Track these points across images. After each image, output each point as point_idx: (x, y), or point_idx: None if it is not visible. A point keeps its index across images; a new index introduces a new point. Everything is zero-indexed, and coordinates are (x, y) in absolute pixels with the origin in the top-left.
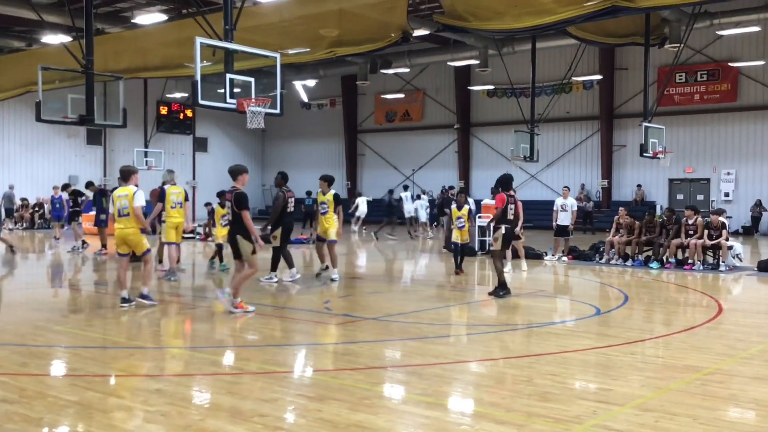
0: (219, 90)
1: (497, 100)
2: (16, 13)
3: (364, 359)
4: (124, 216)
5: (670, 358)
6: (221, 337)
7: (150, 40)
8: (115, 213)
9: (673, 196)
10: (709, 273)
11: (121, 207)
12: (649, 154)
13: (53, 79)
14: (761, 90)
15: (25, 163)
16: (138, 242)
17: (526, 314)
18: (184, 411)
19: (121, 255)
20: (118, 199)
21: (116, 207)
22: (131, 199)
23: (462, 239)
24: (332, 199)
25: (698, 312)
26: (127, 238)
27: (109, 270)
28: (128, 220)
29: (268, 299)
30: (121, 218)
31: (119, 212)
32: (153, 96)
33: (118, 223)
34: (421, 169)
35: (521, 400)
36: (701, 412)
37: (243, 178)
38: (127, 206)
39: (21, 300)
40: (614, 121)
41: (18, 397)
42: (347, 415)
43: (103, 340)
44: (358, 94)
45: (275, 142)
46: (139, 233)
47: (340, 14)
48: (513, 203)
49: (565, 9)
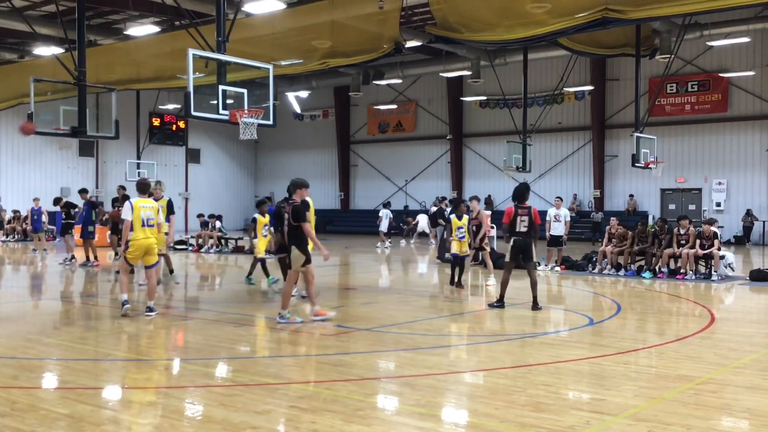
0: (212, 101)
1: (489, 110)
2: (8, 26)
3: (357, 370)
4: (149, 227)
5: (663, 368)
6: (213, 349)
7: (142, 51)
8: (138, 223)
9: (665, 205)
10: (702, 282)
11: (147, 218)
12: (640, 164)
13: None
14: (752, 100)
15: (17, 175)
16: (156, 253)
17: (520, 324)
18: (177, 423)
19: (129, 265)
20: (143, 209)
21: (140, 217)
22: (156, 211)
23: (461, 251)
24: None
25: (691, 321)
26: (150, 248)
27: (101, 282)
28: (153, 230)
29: (261, 311)
30: (146, 228)
31: (144, 222)
32: (145, 107)
33: (141, 233)
34: (414, 180)
35: (515, 411)
36: (694, 422)
37: (301, 192)
38: (152, 217)
39: (10, 312)
40: (606, 131)
41: (9, 410)
42: (341, 426)
43: (95, 352)
44: (350, 105)
45: (268, 154)
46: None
47: (332, 26)
48: (526, 215)
49: (557, 20)
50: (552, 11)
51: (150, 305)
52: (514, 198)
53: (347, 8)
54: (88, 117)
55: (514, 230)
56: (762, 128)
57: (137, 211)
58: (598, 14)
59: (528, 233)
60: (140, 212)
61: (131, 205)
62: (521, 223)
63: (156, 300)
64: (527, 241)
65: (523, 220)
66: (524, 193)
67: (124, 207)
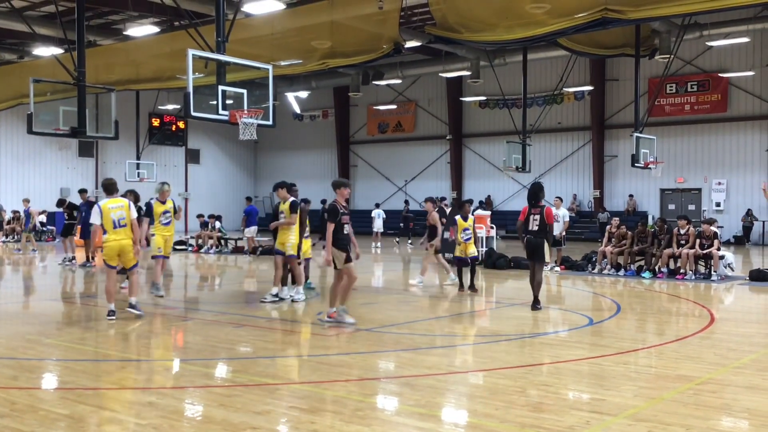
0: (211, 102)
1: (489, 111)
2: (7, 26)
3: (357, 370)
4: (121, 227)
5: (662, 368)
6: (213, 350)
7: (142, 52)
8: (109, 225)
9: (664, 205)
10: (701, 282)
11: (118, 218)
12: (640, 165)
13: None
14: (751, 100)
15: (17, 175)
16: (132, 254)
17: (519, 324)
18: (176, 424)
19: (111, 267)
20: (112, 210)
21: (110, 219)
22: (128, 209)
23: (468, 253)
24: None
25: (690, 321)
26: (124, 250)
27: (100, 282)
28: (126, 231)
29: (259, 311)
30: (118, 229)
31: (115, 223)
32: (145, 108)
33: (115, 235)
34: (414, 180)
35: (514, 411)
36: (694, 422)
37: (342, 191)
38: (124, 217)
39: (10, 312)
40: (605, 131)
41: (9, 410)
42: (340, 427)
43: (95, 353)
44: (350, 106)
45: (268, 154)
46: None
47: (332, 26)
48: (539, 214)
49: (556, 21)
50: (551, 11)
51: (132, 302)
52: (528, 198)
53: (347, 8)
54: (87, 117)
55: (527, 229)
56: (761, 128)
57: (106, 213)
58: (597, 14)
59: (539, 232)
60: (110, 214)
61: (99, 208)
62: (533, 222)
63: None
64: (538, 240)
65: (535, 219)
66: (537, 193)
67: (93, 211)
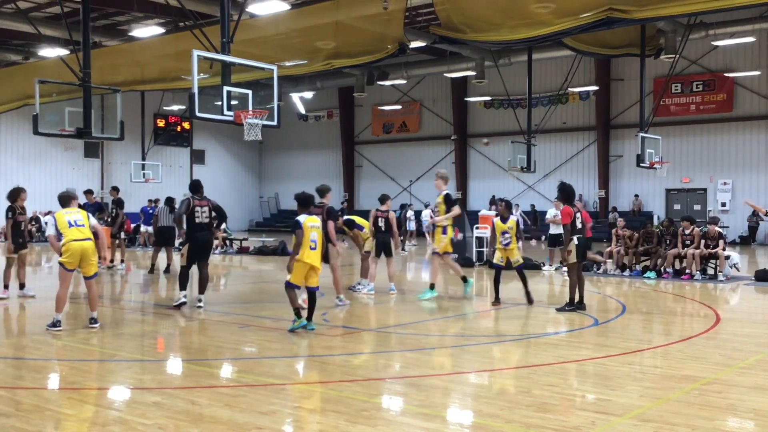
0: (216, 102)
1: (494, 111)
2: (13, 27)
3: (362, 371)
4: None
5: (668, 368)
6: (218, 350)
7: (147, 53)
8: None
9: (670, 206)
10: (707, 283)
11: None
12: (645, 165)
13: (50, 92)
14: (757, 100)
15: (23, 176)
16: (95, 260)
17: (524, 325)
18: (182, 424)
19: (68, 271)
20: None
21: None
22: (86, 218)
23: (513, 259)
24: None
25: (696, 322)
26: (86, 253)
27: (105, 283)
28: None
29: (266, 311)
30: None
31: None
32: (150, 109)
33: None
34: (419, 180)
35: (520, 411)
36: (700, 422)
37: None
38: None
39: (14, 312)
40: (611, 131)
41: (14, 410)
42: (345, 427)
43: (100, 353)
44: (355, 106)
45: (272, 154)
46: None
47: (336, 26)
48: (577, 211)
49: (561, 20)
50: (556, 11)
51: (93, 316)
52: (567, 199)
53: (351, 9)
54: (93, 118)
55: (575, 229)
56: (767, 128)
57: (61, 219)
58: (602, 14)
59: (582, 231)
60: (64, 218)
61: (54, 219)
62: (578, 221)
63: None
64: (581, 240)
65: (578, 218)
66: (573, 194)
67: (48, 224)
